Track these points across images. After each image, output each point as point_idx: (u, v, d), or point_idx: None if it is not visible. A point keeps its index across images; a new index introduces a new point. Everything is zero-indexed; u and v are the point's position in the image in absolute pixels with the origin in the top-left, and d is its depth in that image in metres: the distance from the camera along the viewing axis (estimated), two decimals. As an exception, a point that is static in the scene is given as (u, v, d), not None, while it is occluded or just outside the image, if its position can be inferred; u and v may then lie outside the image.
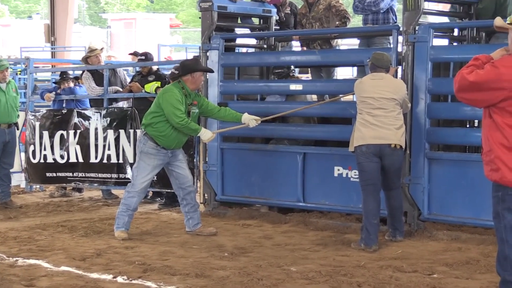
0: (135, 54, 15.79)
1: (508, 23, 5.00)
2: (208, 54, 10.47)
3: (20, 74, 17.97)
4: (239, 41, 11.89)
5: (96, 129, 11.52)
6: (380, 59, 8.43)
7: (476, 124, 9.51)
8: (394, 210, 8.59)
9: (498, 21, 5.11)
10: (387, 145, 8.25)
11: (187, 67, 8.92)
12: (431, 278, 6.98)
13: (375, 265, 7.48)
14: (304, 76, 12.43)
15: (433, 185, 8.92)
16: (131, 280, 6.94)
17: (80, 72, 12.60)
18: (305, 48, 11.62)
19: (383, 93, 8.27)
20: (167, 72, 12.40)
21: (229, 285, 6.70)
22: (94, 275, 7.15)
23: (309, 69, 12.18)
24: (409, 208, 9.00)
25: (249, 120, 9.05)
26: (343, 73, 16.71)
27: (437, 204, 8.93)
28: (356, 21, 14.01)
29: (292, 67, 10.75)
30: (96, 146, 11.49)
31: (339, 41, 11.51)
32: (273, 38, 11.32)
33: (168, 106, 8.68)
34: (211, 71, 9.68)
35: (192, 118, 8.86)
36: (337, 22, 11.00)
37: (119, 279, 7.00)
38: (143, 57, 11.84)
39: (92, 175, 11.58)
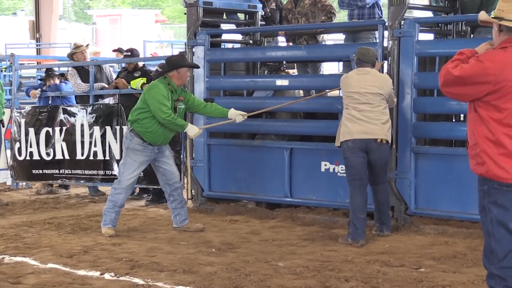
0: (119, 50, 15.76)
1: (492, 17, 5.01)
2: (194, 50, 10.46)
3: (5, 71, 17.88)
4: (225, 36, 11.88)
5: (82, 125, 11.48)
6: (366, 54, 8.43)
7: (462, 118, 9.54)
8: (381, 205, 8.61)
9: (482, 15, 5.12)
10: (373, 140, 8.26)
11: (173, 63, 8.90)
12: (418, 272, 7.00)
13: (363, 259, 7.49)
14: (290, 72, 12.43)
15: (420, 179, 8.95)
16: (118, 277, 6.93)
17: (66, 68, 12.56)
18: (291, 44, 11.62)
19: (369, 88, 8.28)
20: (153, 68, 12.39)
21: (216, 281, 6.70)
22: (81, 272, 7.13)
23: (295, 64, 12.17)
24: (396, 202, 9.02)
25: (236, 115, 9.05)
26: (329, 68, 16.71)
27: (424, 199, 8.95)
28: (341, 16, 14.02)
29: (284, 62, 10.78)
30: (82, 143, 11.46)
31: (325, 36, 11.52)
32: (259, 33, 11.32)
33: (154, 102, 8.66)
34: (197, 66, 9.67)
35: (178, 114, 8.85)
36: (322, 17, 11.00)
37: (107, 276, 6.98)
38: (129, 53, 11.82)
39: (79, 172, 11.55)
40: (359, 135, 8.26)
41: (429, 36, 10.20)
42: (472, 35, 9.65)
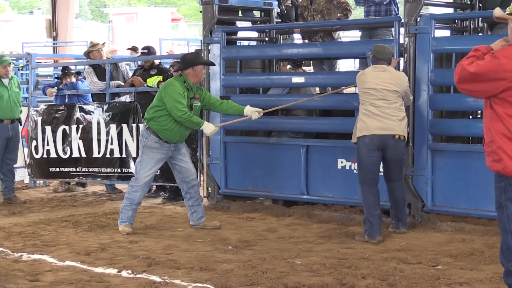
0: (133, 49, 15.81)
1: (507, 13, 4.99)
2: (210, 47, 10.47)
3: (22, 69, 17.96)
4: (240, 34, 11.87)
5: (98, 123, 11.52)
6: (382, 52, 8.42)
7: (478, 115, 9.50)
8: (397, 202, 8.59)
9: (497, 11, 5.11)
10: (391, 136, 8.24)
11: (188, 61, 8.91)
12: (435, 269, 6.98)
13: (380, 257, 7.48)
14: (306, 69, 12.40)
15: (437, 176, 8.92)
16: (135, 274, 6.94)
17: (83, 67, 12.61)
18: (306, 41, 11.62)
19: (385, 84, 8.26)
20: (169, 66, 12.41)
21: (233, 278, 6.70)
22: (99, 270, 7.16)
23: (311, 61, 12.17)
24: (412, 199, 9.00)
25: (251, 112, 9.05)
26: (346, 65, 16.68)
27: (441, 196, 8.93)
28: (357, 13, 13.97)
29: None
30: (99, 140, 11.49)
31: (341, 33, 11.51)
32: (274, 31, 11.32)
33: (170, 100, 8.68)
34: (213, 64, 9.68)
35: (194, 112, 8.86)
36: (338, 15, 10.99)
37: (124, 273, 7.00)
38: (145, 51, 11.84)
39: (95, 169, 11.59)
40: (377, 130, 8.23)
41: (446, 33, 10.16)
42: (489, 32, 9.61)
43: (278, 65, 11.07)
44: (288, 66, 10.64)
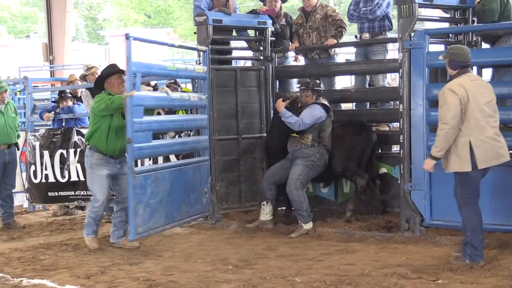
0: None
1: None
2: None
3: (19, 94, 17.99)
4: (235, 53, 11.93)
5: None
6: (464, 54, 7.73)
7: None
8: None
9: None
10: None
11: (100, 77, 9.42)
12: (436, 284, 6.99)
13: (380, 273, 7.48)
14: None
15: (435, 191, 8.92)
16: (136, 297, 6.95)
17: (80, 91, 12.67)
18: (299, 58, 11.73)
19: (489, 97, 7.64)
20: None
21: (234, 298, 6.70)
22: (99, 293, 7.16)
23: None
24: (411, 214, 9.01)
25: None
26: (342, 82, 16.62)
27: (440, 210, 8.92)
28: (352, 29, 14.02)
29: None
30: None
31: (337, 49, 11.53)
32: (269, 49, 11.33)
33: (94, 104, 9.16)
34: (122, 71, 9.33)
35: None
36: (333, 32, 11.01)
37: (124, 296, 7.01)
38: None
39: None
40: (497, 159, 7.63)
41: (440, 47, 10.19)
42: (487, 45, 9.65)
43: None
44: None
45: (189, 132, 10.75)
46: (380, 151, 10.61)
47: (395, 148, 11.26)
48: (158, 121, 9.55)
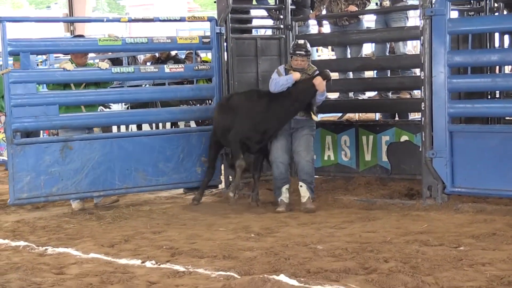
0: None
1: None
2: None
3: (41, 64, 18.04)
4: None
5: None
6: None
7: (497, 95, 9.49)
8: None
9: None
10: None
11: None
12: (457, 250, 6.98)
13: (401, 240, 7.49)
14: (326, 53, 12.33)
15: (456, 158, 8.91)
16: (159, 265, 6.98)
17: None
18: (322, 28, 11.68)
19: None
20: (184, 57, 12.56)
21: (256, 265, 6.72)
22: (123, 261, 7.21)
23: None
24: (433, 182, 9.00)
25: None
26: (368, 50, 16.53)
27: (461, 177, 8.91)
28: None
29: None
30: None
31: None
32: (289, 18, 11.30)
33: None
34: None
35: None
36: (357, 1, 10.93)
37: (148, 264, 7.04)
38: None
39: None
40: None
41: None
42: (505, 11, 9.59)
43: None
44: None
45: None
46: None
47: (412, 116, 11.30)
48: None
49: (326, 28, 11.95)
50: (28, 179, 9.62)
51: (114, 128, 12.15)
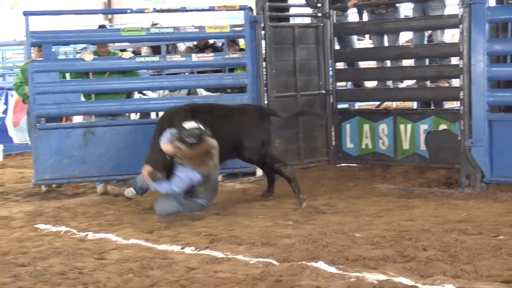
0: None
1: None
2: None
3: (80, 52, 18.14)
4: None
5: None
6: None
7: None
8: None
9: None
10: None
11: None
12: (496, 240, 6.96)
13: (440, 228, 7.47)
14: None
15: (495, 147, 8.87)
16: (198, 251, 7.05)
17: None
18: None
19: None
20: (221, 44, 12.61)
21: (295, 252, 6.76)
22: (163, 247, 7.28)
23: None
24: (472, 170, 8.98)
25: None
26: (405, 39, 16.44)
27: (500, 166, 8.88)
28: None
29: None
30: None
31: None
32: (327, 6, 11.29)
33: None
34: None
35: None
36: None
37: (187, 250, 7.11)
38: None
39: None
40: None
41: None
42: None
43: None
44: None
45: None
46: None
47: (448, 105, 11.25)
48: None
49: (364, 17, 11.92)
50: (51, 161, 10.15)
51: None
